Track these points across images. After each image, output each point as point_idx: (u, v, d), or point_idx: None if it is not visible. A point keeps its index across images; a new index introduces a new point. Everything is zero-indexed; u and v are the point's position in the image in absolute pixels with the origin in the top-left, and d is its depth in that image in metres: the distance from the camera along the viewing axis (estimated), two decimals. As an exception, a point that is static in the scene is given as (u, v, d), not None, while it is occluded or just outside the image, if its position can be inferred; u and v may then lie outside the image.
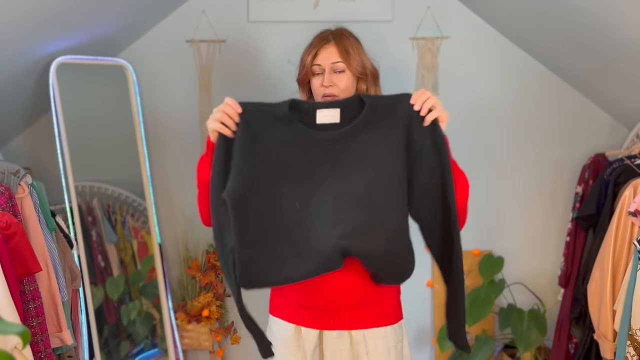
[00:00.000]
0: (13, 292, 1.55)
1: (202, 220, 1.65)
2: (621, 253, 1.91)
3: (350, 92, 1.67)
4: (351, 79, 1.67)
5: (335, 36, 1.69)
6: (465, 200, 1.67)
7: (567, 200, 2.69)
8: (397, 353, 1.66)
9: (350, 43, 1.68)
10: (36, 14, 1.83)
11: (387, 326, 1.66)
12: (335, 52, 1.66)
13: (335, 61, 1.65)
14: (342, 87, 1.65)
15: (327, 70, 1.65)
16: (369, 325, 1.64)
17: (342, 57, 1.65)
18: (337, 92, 1.64)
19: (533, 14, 2.24)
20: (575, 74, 2.54)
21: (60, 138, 2.21)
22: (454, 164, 1.58)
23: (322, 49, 1.67)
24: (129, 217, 2.60)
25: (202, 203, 1.60)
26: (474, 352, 2.56)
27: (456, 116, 2.68)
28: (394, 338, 1.67)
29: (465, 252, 2.74)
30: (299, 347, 1.63)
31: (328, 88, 1.64)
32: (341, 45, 1.66)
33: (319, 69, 1.66)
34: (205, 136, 2.68)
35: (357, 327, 1.63)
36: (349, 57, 1.65)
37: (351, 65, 1.65)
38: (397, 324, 1.70)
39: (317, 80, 1.67)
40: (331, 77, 1.64)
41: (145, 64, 2.65)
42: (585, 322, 2.20)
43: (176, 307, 2.65)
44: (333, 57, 1.65)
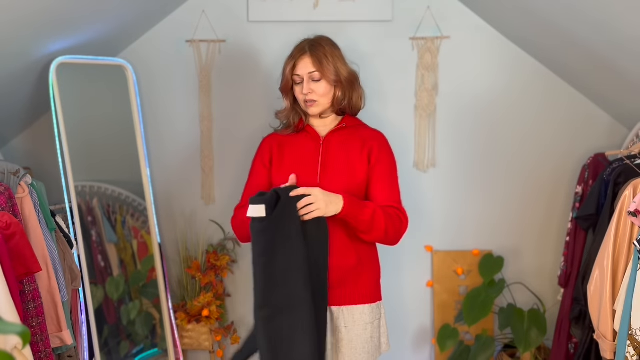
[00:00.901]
0: (13, 292, 1.55)
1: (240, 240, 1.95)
2: (621, 253, 1.91)
3: (328, 97, 1.90)
4: (327, 86, 1.89)
5: (311, 47, 1.90)
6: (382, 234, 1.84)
7: (567, 200, 2.69)
8: (374, 329, 1.90)
9: (325, 52, 1.89)
10: (36, 14, 1.83)
11: (365, 304, 1.89)
12: (310, 62, 1.88)
13: (311, 71, 1.88)
14: (320, 93, 1.89)
15: (306, 79, 1.89)
16: (348, 302, 1.87)
17: (316, 67, 1.87)
18: (316, 98, 1.89)
19: (533, 13, 2.24)
20: (575, 73, 2.54)
21: (60, 138, 2.21)
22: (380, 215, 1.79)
23: (299, 59, 1.90)
24: (129, 217, 2.60)
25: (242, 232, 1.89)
26: (474, 352, 2.56)
27: (456, 116, 2.69)
28: (371, 315, 1.90)
29: (465, 252, 2.75)
30: None
31: (308, 95, 1.88)
32: (315, 56, 1.88)
33: (298, 78, 1.90)
34: (205, 136, 2.69)
35: (337, 304, 1.88)
36: (322, 66, 1.87)
37: (325, 74, 1.87)
38: (374, 303, 1.92)
39: (299, 89, 1.91)
40: (309, 85, 1.88)
41: (145, 64, 2.65)
42: (585, 322, 2.20)
43: (176, 307, 2.65)
44: (309, 67, 1.88)
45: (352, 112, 1.98)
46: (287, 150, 1.95)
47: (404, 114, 2.68)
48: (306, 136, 1.96)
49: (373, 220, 1.77)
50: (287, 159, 1.93)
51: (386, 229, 1.80)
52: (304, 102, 1.90)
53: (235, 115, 2.70)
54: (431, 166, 2.70)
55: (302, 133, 1.97)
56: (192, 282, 2.68)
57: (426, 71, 2.64)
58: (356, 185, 1.88)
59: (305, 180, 1.87)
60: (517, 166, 2.70)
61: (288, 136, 1.98)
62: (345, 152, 1.91)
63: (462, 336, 2.71)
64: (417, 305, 2.78)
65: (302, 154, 1.93)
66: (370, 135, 1.95)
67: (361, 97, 1.98)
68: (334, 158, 1.90)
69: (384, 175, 1.90)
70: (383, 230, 1.79)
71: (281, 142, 1.97)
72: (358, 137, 1.93)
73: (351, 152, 1.91)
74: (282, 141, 1.97)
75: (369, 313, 1.89)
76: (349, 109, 1.96)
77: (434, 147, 2.69)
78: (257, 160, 1.99)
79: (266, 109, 2.67)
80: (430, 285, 2.76)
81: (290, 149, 1.95)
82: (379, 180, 1.89)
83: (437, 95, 2.67)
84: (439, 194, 2.72)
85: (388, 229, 1.81)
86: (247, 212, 1.69)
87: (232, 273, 2.76)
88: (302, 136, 1.97)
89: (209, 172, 2.72)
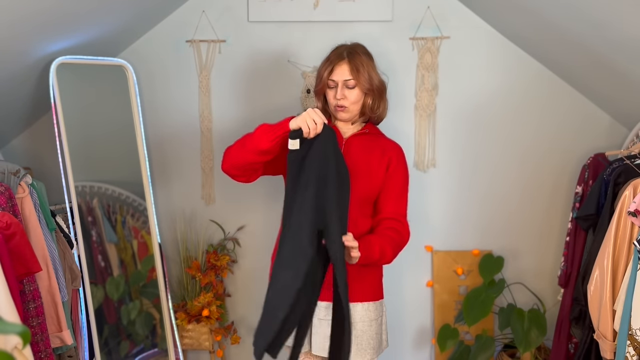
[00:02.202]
0: (13, 292, 1.55)
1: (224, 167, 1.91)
2: (621, 253, 1.91)
3: (358, 105, 1.96)
4: (360, 94, 1.94)
5: (349, 54, 1.95)
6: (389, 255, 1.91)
7: (567, 200, 2.69)
8: (377, 326, 1.97)
9: (362, 61, 1.94)
10: (36, 14, 1.83)
11: (370, 302, 1.95)
12: (348, 70, 1.93)
13: (347, 78, 1.92)
14: (352, 100, 1.94)
15: (340, 85, 1.93)
16: (354, 300, 1.91)
17: (352, 75, 1.92)
18: (347, 104, 1.93)
19: (533, 13, 2.24)
20: (575, 73, 2.54)
21: (60, 138, 2.21)
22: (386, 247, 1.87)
23: (337, 66, 1.94)
24: (129, 217, 2.60)
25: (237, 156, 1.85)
26: (474, 352, 2.56)
27: (456, 116, 2.69)
28: (375, 312, 1.96)
29: (465, 252, 2.75)
30: None
31: (340, 100, 1.93)
32: (353, 64, 1.93)
33: (333, 83, 1.94)
34: (205, 135, 2.69)
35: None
36: (359, 75, 1.92)
37: (360, 82, 1.92)
38: (378, 301, 1.98)
39: (332, 93, 1.95)
40: (343, 92, 1.93)
41: (145, 64, 2.65)
42: (585, 322, 2.20)
43: (176, 307, 2.65)
44: (346, 75, 1.93)
45: (376, 121, 2.05)
46: None
47: (404, 114, 2.68)
48: None
49: (381, 255, 1.85)
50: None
51: (393, 255, 1.90)
52: (335, 107, 1.95)
53: (235, 115, 2.70)
54: (431, 166, 2.70)
55: None
56: (192, 282, 2.68)
57: (426, 71, 2.64)
58: (372, 190, 1.93)
59: None
60: (517, 166, 2.70)
61: None
62: (365, 157, 1.95)
63: (462, 336, 2.71)
64: (417, 305, 2.78)
65: None
66: (390, 145, 2.00)
67: (386, 108, 2.05)
68: (355, 160, 1.93)
69: (397, 187, 1.96)
70: (390, 258, 1.89)
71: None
72: (379, 145, 1.98)
73: (371, 157, 1.95)
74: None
75: (373, 310, 1.95)
76: (374, 118, 2.02)
77: (434, 147, 2.69)
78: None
79: (266, 109, 2.67)
80: (430, 285, 2.76)
81: None
82: (390, 192, 1.95)
83: (437, 95, 2.67)
84: (439, 194, 2.72)
85: (394, 254, 1.90)
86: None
87: (232, 273, 2.76)
88: None
89: (209, 172, 2.72)
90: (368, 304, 1.94)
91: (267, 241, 2.60)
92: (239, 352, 2.81)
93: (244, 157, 1.82)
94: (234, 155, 1.86)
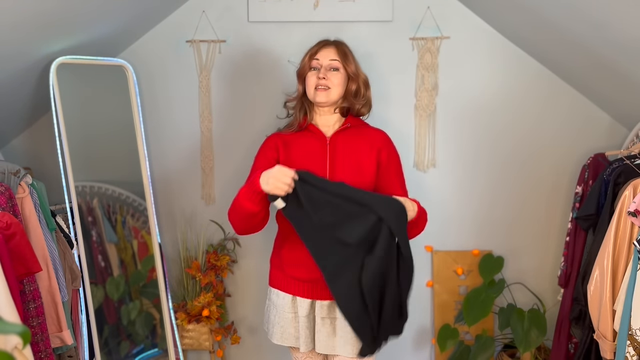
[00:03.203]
0: (13, 292, 1.55)
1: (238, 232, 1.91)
2: (621, 253, 1.91)
3: (341, 89, 1.92)
4: (344, 78, 1.92)
5: (335, 41, 1.97)
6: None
7: (567, 200, 2.69)
8: None
9: (348, 49, 1.96)
10: (36, 15, 1.83)
11: None
12: (334, 51, 1.92)
13: (332, 58, 1.91)
14: (336, 83, 1.90)
15: (325, 65, 1.91)
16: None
17: (339, 56, 1.91)
18: (330, 85, 1.90)
19: (533, 13, 2.24)
20: (575, 74, 2.54)
21: (60, 138, 2.21)
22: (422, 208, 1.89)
23: (323, 47, 1.94)
24: (129, 217, 2.60)
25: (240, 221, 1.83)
26: (474, 352, 2.56)
27: (456, 116, 2.69)
28: None
29: (465, 252, 2.75)
30: (294, 313, 1.94)
31: (322, 80, 1.89)
32: (340, 48, 1.94)
33: (317, 63, 1.91)
34: (205, 136, 2.69)
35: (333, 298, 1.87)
36: (346, 58, 1.92)
37: (347, 65, 1.91)
38: None
39: (314, 74, 1.92)
40: (327, 72, 1.90)
41: (145, 64, 2.65)
42: (585, 322, 2.20)
43: (176, 307, 2.65)
44: (331, 55, 1.91)
45: (357, 113, 2.00)
46: (294, 149, 1.94)
47: (404, 114, 2.68)
48: (311, 136, 1.96)
49: (421, 214, 1.86)
50: (294, 158, 1.92)
51: (424, 222, 1.91)
52: (315, 89, 1.90)
53: (235, 115, 2.70)
54: (431, 166, 2.70)
55: (306, 132, 1.97)
56: (192, 282, 2.68)
57: (426, 71, 2.64)
58: (364, 184, 1.90)
59: None
60: (517, 166, 2.70)
61: (292, 135, 1.97)
62: (352, 152, 1.92)
63: (462, 336, 2.71)
64: (417, 305, 2.78)
65: (309, 153, 1.93)
66: (376, 135, 1.97)
67: (369, 102, 2.02)
68: (342, 158, 1.91)
69: (397, 175, 1.96)
70: (424, 223, 1.91)
71: (286, 141, 1.96)
72: (365, 137, 1.95)
73: (359, 151, 1.92)
74: (287, 140, 1.96)
75: None
76: (355, 110, 1.98)
77: (434, 147, 2.69)
78: (260, 157, 1.96)
79: (266, 108, 2.67)
80: (430, 285, 2.76)
81: (296, 148, 1.94)
82: (392, 181, 1.94)
83: (437, 95, 2.67)
84: (439, 194, 2.72)
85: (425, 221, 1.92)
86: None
87: (232, 273, 2.76)
88: (307, 135, 1.96)
89: (209, 172, 2.72)
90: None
91: (267, 241, 2.60)
92: (239, 352, 2.81)
93: (245, 221, 1.79)
94: (237, 222, 1.83)
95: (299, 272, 1.90)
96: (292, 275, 1.92)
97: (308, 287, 1.91)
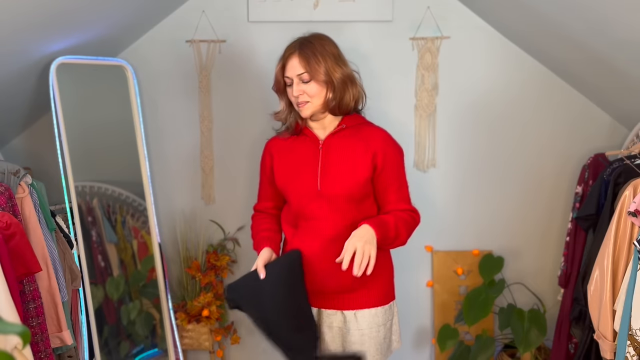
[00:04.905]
0: (13, 292, 1.55)
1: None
2: (621, 253, 1.91)
3: (321, 97, 1.81)
4: (318, 87, 1.80)
5: (300, 45, 1.81)
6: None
7: (567, 200, 2.69)
8: (387, 330, 1.91)
9: (315, 51, 1.79)
10: (36, 14, 1.83)
11: (378, 307, 1.88)
12: (298, 63, 1.79)
13: (299, 73, 1.80)
14: (312, 94, 1.81)
15: (295, 81, 1.81)
16: (361, 306, 1.87)
17: (304, 68, 1.79)
18: (307, 99, 1.81)
19: (533, 13, 2.24)
20: (575, 73, 2.54)
21: (60, 138, 2.21)
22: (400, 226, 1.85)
23: (288, 60, 1.82)
24: (129, 217, 2.60)
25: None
26: (474, 352, 2.56)
27: (456, 116, 2.69)
28: (384, 317, 1.89)
29: (465, 252, 2.75)
30: None
31: (299, 97, 1.81)
32: (303, 56, 1.79)
33: (289, 80, 1.83)
34: (205, 135, 2.69)
35: (350, 309, 1.87)
36: (311, 67, 1.78)
37: (314, 75, 1.78)
38: (387, 305, 1.91)
39: (290, 90, 1.84)
40: (299, 87, 1.80)
41: (145, 64, 2.65)
42: (585, 322, 2.20)
43: (176, 307, 2.65)
44: (297, 69, 1.80)
45: (341, 112, 1.87)
46: (286, 156, 1.92)
47: (404, 114, 2.68)
48: (305, 140, 1.91)
49: (397, 234, 1.82)
50: (286, 165, 1.91)
51: (407, 236, 1.87)
52: (297, 105, 1.84)
53: (235, 115, 2.70)
54: (431, 166, 2.70)
55: (301, 137, 1.92)
56: (192, 282, 2.68)
57: (426, 71, 2.64)
58: (358, 187, 1.83)
59: (305, 185, 1.85)
60: (517, 166, 2.70)
61: (287, 140, 1.93)
62: (346, 155, 1.84)
63: (462, 336, 2.71)
64: (417, 305, 2.78)
65: (301, 159, 1.88)
66: (373, 136, 1.87)
67: (355, 97, 1.87)
68: (335, 162, 1.84)
69: (393, 178, 1.87)
70: (404, 238, 1.86)
71: (280, 148, 1.94)
72: (360, 138, 1.86)
73: (353, 154, 1.84)
74: (280, 147, 1.94)
75: (382, 315, 1.89)
76: (338, 110, 1.85)
77: (434, 147, 2.69)
78: (260, 167, 2.02)
79: (266, 109, 2.67)
80: (430, 285, 2.76)
81: (289, 154, 1.91)
82: (388, 184, 1.87)
83: (437, 95, 2.67)
84: (439, 194, 2.72)
85: (408, 235, 1.88)
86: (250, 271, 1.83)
87: (232, 273, 2.76)
88: (301, 140, 1.92)
89: (209, 172, 2.72)
90: (376, 309, 1.88)
91: (267, 241, 2.60)
92: (239, 352, 2.81)
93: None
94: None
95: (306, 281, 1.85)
96: None
97: (315, 297, 1.88)
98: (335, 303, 1.88)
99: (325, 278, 1.83)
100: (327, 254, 1.81)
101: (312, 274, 1.83)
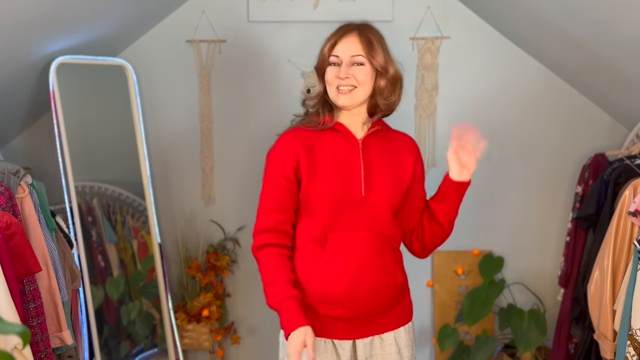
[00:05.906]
0: (13, 292, 1.55)
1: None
2: (621, 253, 1.91)
3: (368, 87, 1.58)
4: (370, 73, 1.57)
5: (360, 27, 1.60)
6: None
7: (567, 200, 2.69)
8: (414, 342, 1.73)
9: (376, 37, 1.59)
10: (36, 14, 1.83)
11: (409, 322, 1.72)
12: (358, 42, 1.56)
13: (354, 54, 1.56)
14: (361, 80, 1.56)
15: (346, 61, 1.56)
16: (397, 326, 1.67)
17: (363, 49, 1.56)
18: (355, 84, 1.56)
19: (532, 13, 2.24)
20: (575, 73, 2.54)
21: (60, 138, 2.21)
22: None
23: (343, 37, 1.58)
24: (129, 217, 2.60)
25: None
26: (474, 352, 2.56)
27: (456, 116, 2.69)
28: (413, 329, 1.74)
29: (465, 252, 2.75)
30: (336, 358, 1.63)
31: (345, 80, 1.56)
32: (364, 37, 1.57)
33: (337, 59, 1.57)
34: (205, 135, 2.69)
35: (387, 330, 1.66)
36: (370, 50, 1.56)
37: (373, 58, 1.56)
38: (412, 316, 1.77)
39: (333, 71, 1.58)
40: (348, 70, 1.55)
41: (145, 64, 2.65)
42: (585, 322, 2.20)
43: (176, 307, 2.65)
44: (353, 49, 1.56)
45: (383, 112, 1.65)
46: (319, 155, 1.59)
47: (404, 114, 2.68)
48: (338, 136, 1.62)
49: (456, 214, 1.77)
50: (320, 167, 1.58)
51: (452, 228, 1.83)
52: (336, 89, 1.57)
53: (235, 115, 2.70)
54: (431, 166, 2.70)
55: (332, 132, 1.62)
56: (192, 282, 2.68)
57: (426, 71, 2.64)
58: (403, 194, 1.64)
59: (346, 191, 1.58)
60: (517, 166, 2.70)
61: (315, 135, 1.62)
62: (387, 160, 1.63)
63: (462, 336, 2.71)
64: (417, 305, 2.74)
65: (338, 159, 1.60)
66: (409, 142, 1.72)
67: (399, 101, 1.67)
68: (378, 165, 1.61)
69: (423, 187, 1.75)
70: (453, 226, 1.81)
71: (310, 146, 1.60)
72: (398, 144, 1.68)
73: (398, 159, 1.65)
74: (310, 144, 1.60)
75: (411, 328, 1.73)
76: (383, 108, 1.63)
77: (434, 147, 2.69)
78: (276, 171, 1.61)
79: (266, 108, 2.67)
80: (430, 285, 2.76)
81: (321, 153, 1.60)
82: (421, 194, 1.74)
83: (437, 95, 2.67)
84: (439, 194, 2.72)
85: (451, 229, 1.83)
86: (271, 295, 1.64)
87: (232, 273, 2.76)
88: (333, 136, 1.62)
89: (209, 172, 2.72)
90: (409, 324, 1.71)
91: (267, 241, 2.60)
92: (239, 352, 2.81)
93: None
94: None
95: (338, 309, 1.59)
96: (330, 314, 1.60)
97: (348, 327, 1.61)
98: (371, 329, 1.64)
99: (366, 297, 1.59)
100: (371, 271, 1.59)
101: (349, 296, 1.58)
